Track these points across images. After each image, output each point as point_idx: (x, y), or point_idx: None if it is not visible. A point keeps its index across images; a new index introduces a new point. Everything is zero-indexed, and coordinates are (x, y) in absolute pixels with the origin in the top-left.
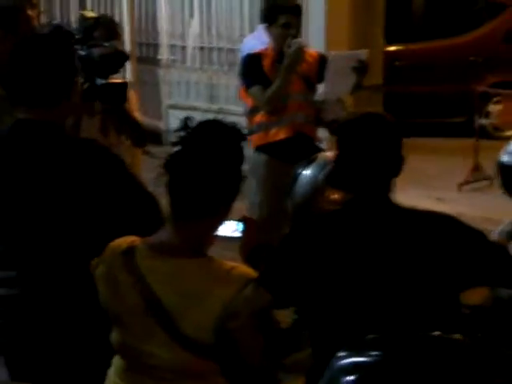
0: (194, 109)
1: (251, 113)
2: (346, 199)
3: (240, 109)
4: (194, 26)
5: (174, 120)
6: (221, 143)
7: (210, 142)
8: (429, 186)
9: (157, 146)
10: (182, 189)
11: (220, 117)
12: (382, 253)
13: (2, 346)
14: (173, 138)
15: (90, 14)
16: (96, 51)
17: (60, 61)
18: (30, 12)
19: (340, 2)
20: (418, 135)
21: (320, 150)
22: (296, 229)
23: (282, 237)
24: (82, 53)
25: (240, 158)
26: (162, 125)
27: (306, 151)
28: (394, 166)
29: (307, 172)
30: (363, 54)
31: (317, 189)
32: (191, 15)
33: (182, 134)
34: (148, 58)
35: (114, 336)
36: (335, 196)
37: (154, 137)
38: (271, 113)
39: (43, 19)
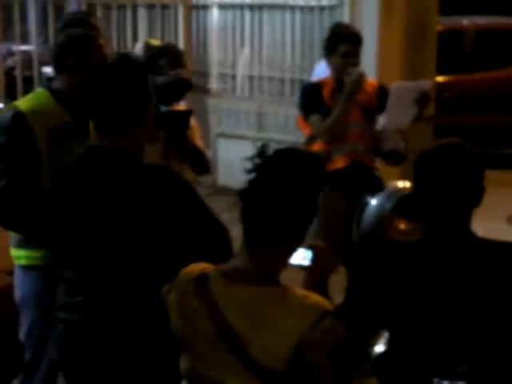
0: (243, 138)
1: (309, 142)
2: (420, 229)
3: (289, 138)
4: (245, 55)
5: (222, 149)
6: (299, 171)
7: (288, 170)
8: (477, 217)
9: (206, 174)
10: (259, 217)
11: (269, 146)
12: (464, 285)
13: (64, 371)
14: (248, 165)
15: (155, 42)
16: (160, 79)
17: (133, 88)
18: (101, 41)
19: (392, 32)
20: None
21: (379, 179)
22: (370, 260)
23: (350, 268)
24: None
25: (318, 186)
26: (210, 153)
27: (365, 181)
28: (475, 197)
29: (374, 201)
30: (427, 85)
31: (384, 218)
32: (242, 44)
33: (258, 161)
34: (198, 86)
35: (184, 362)
36: (403, 226)
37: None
38: (330, 142)
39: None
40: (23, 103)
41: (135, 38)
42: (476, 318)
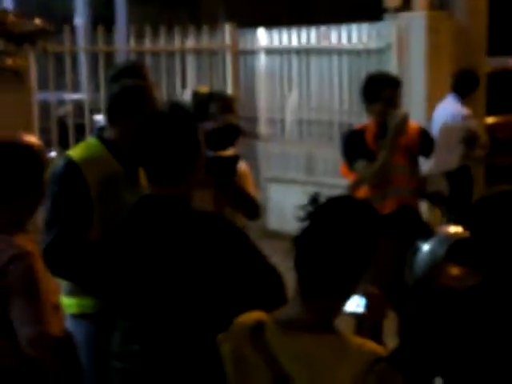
0: (293, 182)
1: (354, 188)
2: (474, 275)
3: (339, 181)
4: (293, 99)
5: (272, 193)
6: (355, 220)
7: (343, 219)
8: None
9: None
10: (314, 267)
11: (319, 190)
12: None
13: None
14: (300, 213)
15: (203, 89)
16: (209, 125)
17: (183, 138)
18: (154, 93)
19: (441, 74)
20: None
21: (425, 224)
22: (424, 305)
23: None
24: None
25: (373, 235)
26: (260, 197)
27: (412, 225)
28: None
29: (427, 247)
30: (473, 124)
31: (437, 264)
32: (290, 89)
33: (310, 209)
34: (247, 131)
35: None
36: (456, 272)
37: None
38: (375, 187)
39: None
40: (76, 152)
41: (184, 85)
42: None
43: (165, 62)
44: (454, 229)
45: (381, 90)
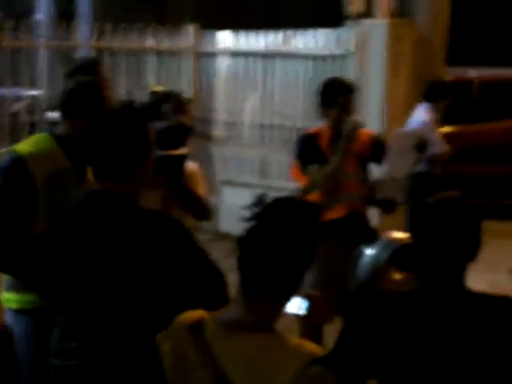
0: (247, 185)
1: (305, 192)
2: (414, 280)
3: (293, 186)
4: (253, 102)
5: (226, 196)
6: (297, 220)
7: (285, 219)
8: (479, 268)
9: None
10: (256, 266)
11: (272, 194)
12: (452, 338)
13: None
14: (245, 214)
15: (159, 88)
16: (160, 124)
17: (132, 136)
18: (109, 90)
19: (399, 81)
20: None
21: (373, 230)
22: (363, 309)
23: (344, 317)
24: None
25: (315, 235)
26: (214, 200)
27: (360, 231)
28: (471, 251)
29: (370, 252)
30: (425, 131)
31: (379, 269)
32: (252, 92)
33: (256, 210)
34: (203, 133)
35: None
36: (397, 276)
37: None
38: (326, 192)
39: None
40: (23, 147)
41: (143, 85)
42: (465, 371)
43: (125, 60)
44: (398, 234)
45: (337, 96)
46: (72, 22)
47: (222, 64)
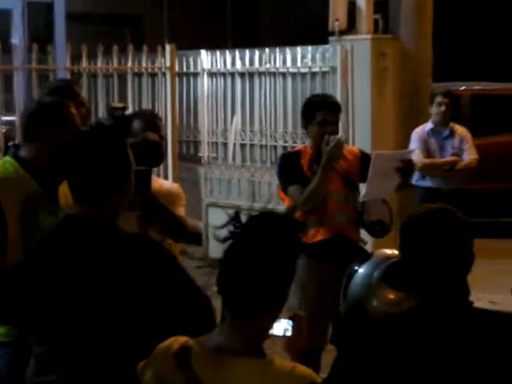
0: (236, 207)
1: (289, 213)
2: (410, 299)
3: (282, 207)
4: (236, 123)
5: (213, 219)
6: (275, 235)
7: (263, 235)
8: (480, 288)
9: (195, 246)
10: (238, 285)
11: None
12: (456, 358)
13: None
14: (222, 234)
15: (118, 104)
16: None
17: (112, 155)
18: (73, 110)
19: (385, 97)
20: None
21: (363, 250)
22: (356, 335)
23: (337, 342)
24: None
25: (298, 248)
26: (201, 224)
27: (347, 252)
28: (464, 264)
29: (362, 270)
30: (408, 153)
31: (372, 288)
32: (233, 112)
33: (232, 229)
34: (188, 155)
35: None
36: (392, 296)
37: (193, 237)
38: (309, 213)
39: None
40: None
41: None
42: None
43: (103, 82)
44: (390, 251)
45: (315, 112)
46: (48, 46)
47: (203, 84)
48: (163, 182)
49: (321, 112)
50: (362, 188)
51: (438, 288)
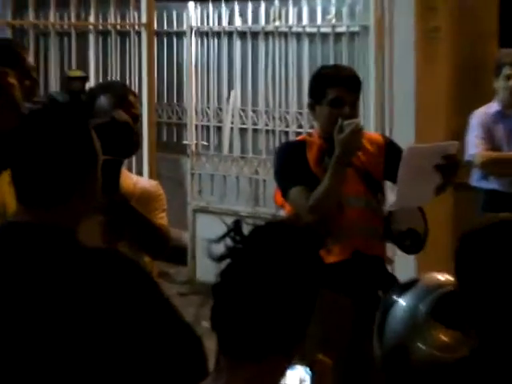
0: (234, 214)
1: (306, 222)
2: (468, 342)
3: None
4: (234, 100)
5: (203, 229)
6: (291, 252)
7: (275, 252)
8: None
9: (178, 266)
10: (239, 319)
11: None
12: None
13: None
14: (215, 250)
15: (76, 73)
16: (91, 122)
17: (68, 144)
18: (12, 80)
19: (435, 71)
20: None
21: (392, 276)
22: None
23: None
24: None
25: (318, 271)
26: (187, 236)
27: (372, 278)
28: None
29: (403, 302)
30: (451, 146)
31: (417, 327)
32: (230, 86)
33: (231, 243)
34: (170, 143)
35: None
36: (443, 337)
37: (176, 253)
38: (317, 225)
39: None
40: None
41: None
42: None
43: (56, 43)
44: (441, 277)
45: (325, 89)
46: None
47: (190, 48)
48: (137, 178)
49: (333, 89)
50: (389, 189)
51: (507, 328)
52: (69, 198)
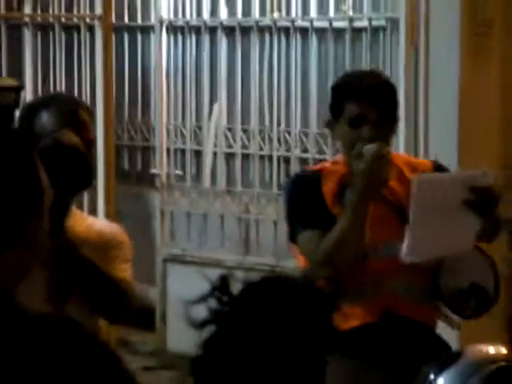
0: (214, 264)
1: (307, 277)
2: None
3: (289, 264)
4: (218, 115)
5: (175, 284)
6: (293, 316)
7: (273, 315)
8: None
9: (143, 332)
10: None
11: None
12: None
13: None
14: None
15: (6, 81)
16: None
17: (4, 180)
18: None
19: (486, 77)
20: None
21: (442, 343)
22: None
23: None
24: None
25: (329, 339)
26: (155, 293)
27: (409, 346)
28: None
29: (446, 379)
30: (483, 177)
31: None
32: (213, 97)
33: (215, 304)
34: (134, 172)
35: None
36: None
37: (141, 316)
38: (335, 279)
39: None
40: None
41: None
42: None
43: None
44: (492, 349)
45: (343, 103)
46: None
47: (160, 46)
48: (93, 219)
49: (352, 103)
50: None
51: None
52: (5, 248)
